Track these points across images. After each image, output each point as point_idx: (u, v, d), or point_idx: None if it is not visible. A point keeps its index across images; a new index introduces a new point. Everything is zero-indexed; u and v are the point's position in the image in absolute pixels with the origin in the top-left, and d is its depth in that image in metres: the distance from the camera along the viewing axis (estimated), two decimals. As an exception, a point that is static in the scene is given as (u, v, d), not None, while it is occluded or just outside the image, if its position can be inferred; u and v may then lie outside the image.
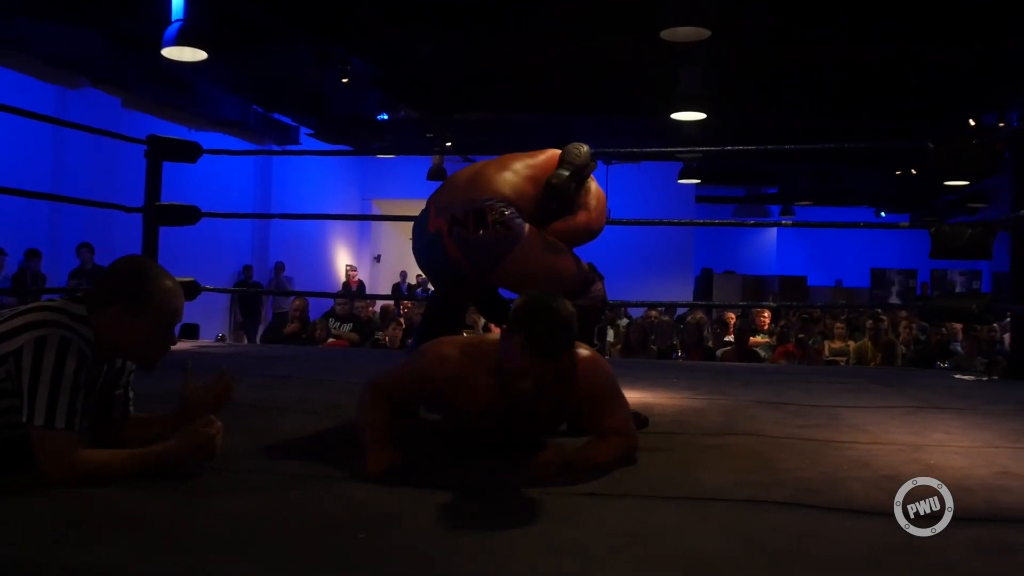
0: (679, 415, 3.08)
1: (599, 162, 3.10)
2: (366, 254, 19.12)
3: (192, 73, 9.99)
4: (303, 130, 13.51)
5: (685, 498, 1.86)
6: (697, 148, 10.51)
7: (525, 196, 2.64)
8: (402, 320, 9.63)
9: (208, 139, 12.23)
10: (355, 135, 12.73)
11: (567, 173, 2.67)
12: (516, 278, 2.63)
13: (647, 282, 15.53)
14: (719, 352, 7.34)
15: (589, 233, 2.81)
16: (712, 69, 8.87)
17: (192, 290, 5.18)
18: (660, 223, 6.41)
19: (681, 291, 16.06)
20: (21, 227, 9.53)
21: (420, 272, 20.13)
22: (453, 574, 1.38)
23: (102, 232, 9.78)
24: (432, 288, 3.07)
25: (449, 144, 14.14)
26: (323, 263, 16.67)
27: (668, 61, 8.81)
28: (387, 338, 8.90)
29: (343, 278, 16.81)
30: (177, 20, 7.23)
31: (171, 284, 2.02)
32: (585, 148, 2.78)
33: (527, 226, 2.59)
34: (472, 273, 2.65)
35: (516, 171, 2.69)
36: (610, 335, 10.05)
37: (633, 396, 3.53)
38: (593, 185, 2.84)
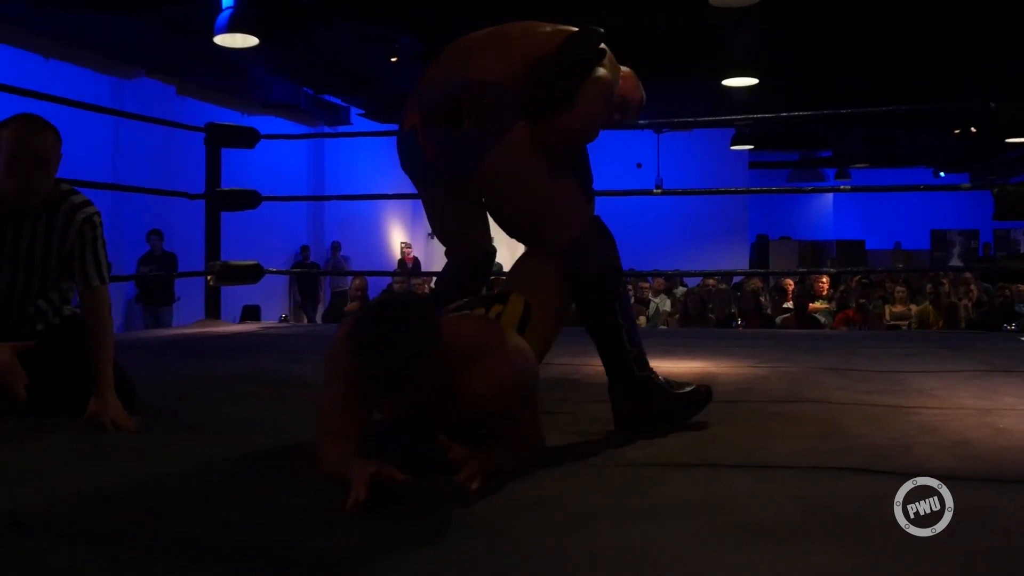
0: (743, 383, 3.08)
1: (652, 132, 2.97)
2: (420, 231, 19.21)
3: (243, 58, 10.10)
4: (354, 110, 13.60)
5: (754, 466, 1.88)
6: (750, 116, 10.36)
7: (517, 77, 2.16)
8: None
9: (261, 122, 12.37)
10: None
11: (558, 61, 2.19)
12: (496, 191, 2.23)
13: (702, 250, 15.43)
14: (779, 319, 7.29)
15: (569, 139, 2.25)
16: (762, 33, 8.73)
17: (256, 273, 5.29)
18: (713, 192, 6.33)
19: (736, 258, 15.91)
20: (85, 217, 9.74)
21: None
22: (524, 545, 1.41)
23: (163, 218, 9.98)
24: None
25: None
26: (378, 241, 16.80)
27: (717, 26, 8.71)
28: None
29: (398, 255, 16.95)
30: (228, 7, 7.34)
31: (17, 123, 2.28)
32: (598, 34, 2.26)
33: (517, 123, 2.13)
34: (446, 176, 2.24)
35: (512, 46, 2.22)
36: (667, 304, 10.03)
37: (695, 366, 3.55)
38: (599, 79, 2.23)
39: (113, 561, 1.34)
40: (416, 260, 16.73)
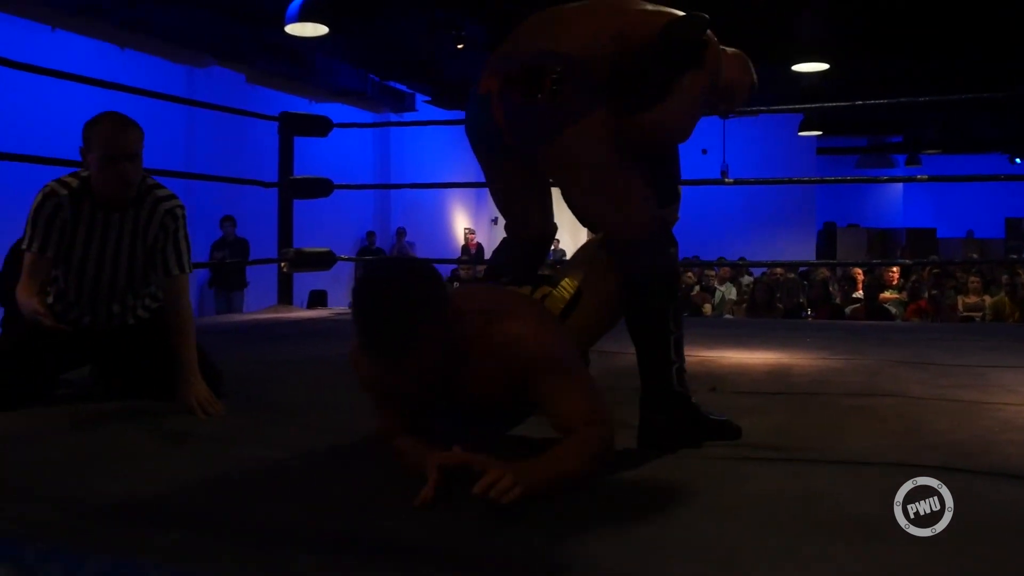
0: (819, 376, 3.07)
1: (717, 117, 2.68)
2: (484, 217, 19.29)
3: (311, 46, 10.24)
4: (419, 96, 13.69)
5: (838, 461, 1.87)
6: (823, 104, 10.17)
7: (606, 57, 2.01)
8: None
9: (327, 109, 12.54)
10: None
11: (658, 50, 2.02)
12: (563, 172, 2.09)
13: (768, 237, 15.23)
14: (848, 309, 7.19)
15: (657, 137, 2.12)
16: (832, 17, 8.58)
17: (328, 260, 5.38)
18: (781, 182, 6.16)
19: (803, 246, 15.69)
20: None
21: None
22: (609, 536, 1.43)
23: (235, 204, 10.18)
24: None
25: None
26: (442, 227, 16.91)
27: (785, 8, 8.57)
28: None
29: (462, 241, 17.05)
30: (299, -4, 7.43)
31: (107, 122, 2.38)
32: (704, 22, 2.09)
33: (599, 105, 1.99)
34: (514, 148, 2.10)
35: (605, 23, 2.05)
36: (732, 292, 9.96)
37: (768, 357, 3.54)
38: (699, 76, 2.09)
39: (213, 545, 1.40)
40: (480, 246, 16.80)
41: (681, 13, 2.08)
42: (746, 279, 10.49)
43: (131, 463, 1.91)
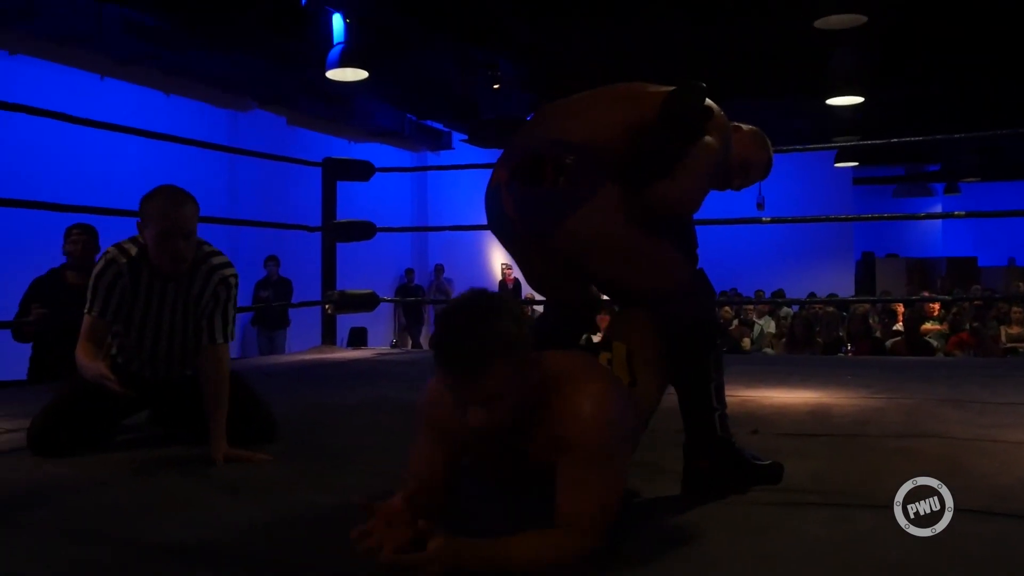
0: (859, 415, 3.08)
1: None
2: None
3: (350, 88, 10.47)
4: (456, 135, 13.87)
5: (877, 506, 1.90)
6: (857, 143, 10.11)
7: (613, 141, 2.03)
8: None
9: (366, 149, 12.76)
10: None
11: (659, 126, 2.05)
12: (578, 254, 2.07)
13: (805, 268, 15.19)
14: (889, 343, 7.16)
15: (667, 210, 2.09)
16: (866, 52, 8.62)
17: (371, 302, 5.49)
18: (816, 219, 6.06)
19: (841, 278, 15.59)
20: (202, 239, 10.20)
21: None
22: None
23: (278, 243, 10.36)
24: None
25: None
26: (480, 262, 17.03)
27: (820, 44, 8.63)
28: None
29: (499, 276, 17.16)
30: (338, 43, 7.62)
31: (162, 198, 2.46)
32: (700, 90, 2.09)
33: (608, 184, 2.00)
34: (528, 237, 2.10)
35: (612, 108, 2.10)
36: (771, 325, 9.93)
37: (808, 396, 3.56)
38: (704, 146, 2.08)
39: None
40: (517, 281, 16.89)
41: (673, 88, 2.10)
42: (784, 311, 10.47)
43: (190, 509, 1.99)
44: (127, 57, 8.79)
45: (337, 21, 7.70)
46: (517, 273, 17.58)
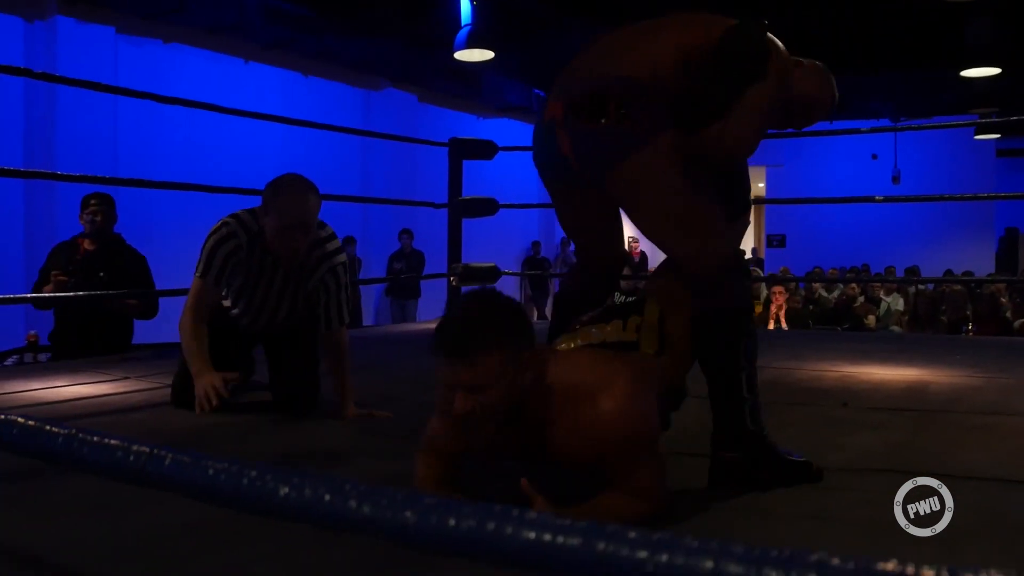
0: (954, 393, 3.15)
1: (886, 120, 2.45)
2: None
3: (479, 66, 10.79)
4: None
5: (940, 474, 2.03)
6: (995, 120, 9.70)
7: (671, 78, 1.97)
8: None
9: (495, 125, 13.07)
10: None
11: (714, 63, 1.98)
12: (631, 198, 2.01)
13: (941, 244, 14.68)
14: (1018, 323, 6.99)
15: (719, 154, 2.02)
16: (1003, 21, 8.33)
17: (493, 274, 5.75)
18: (957, 198, 5.69)
19: (981, 254, 14.93)
20: (337, 217, 10.73)
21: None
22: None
23: (407, 217, 10.80)
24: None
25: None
26: (604, 236, 17.14)
27: (955, 15, 8.39)
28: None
29: (626, 250, 17.25)
30: (466, 25, 7.89)
31: (287, 192, 2.53)
32: (760, 27, 2.02)
33: (666, 126, 1.95)
34: (582, 175, 2.04)
35: (667, 41, 2.01)
36: (899, 303, 9.75)
37: (910, 374, 3.62)
38: (759, 88, 1.99)
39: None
40: (643, 254, 16.94)
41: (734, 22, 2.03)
42: (915, 289, 10.23)
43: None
44: (269, 42, 9.34)
45: (465, 4, 7.97)
46: (644, 246, 17.61)
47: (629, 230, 14.69)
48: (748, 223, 2.21)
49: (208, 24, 8.69)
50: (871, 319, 8.95)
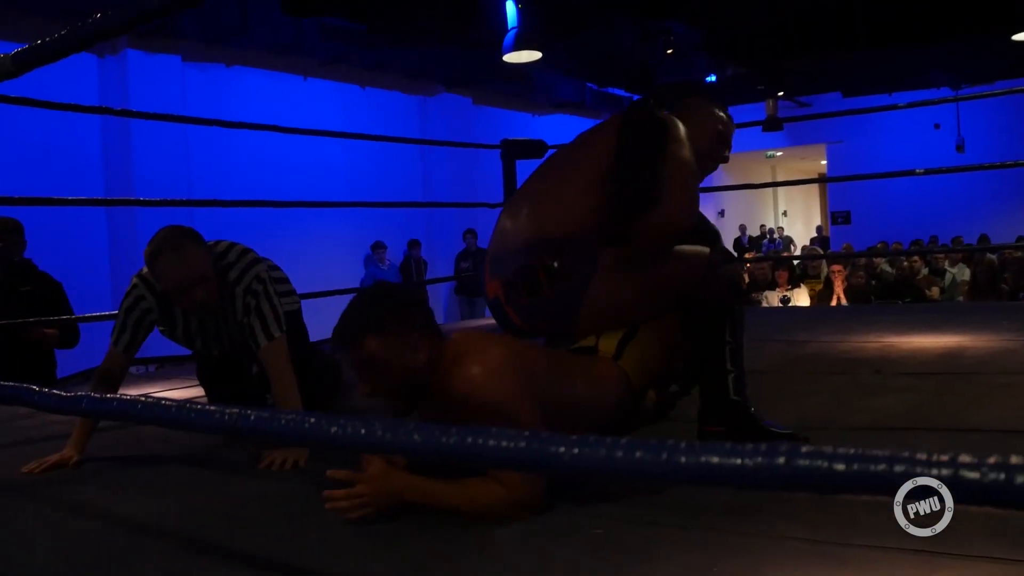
0: (986, 357, 3.25)
1: (947, 89, 2.38)
2: (710, 209, 19.45)
3: (531, 65, 11.02)
4: (637, 99, 14.14)
5: (951, 429, 2.19)
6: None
7: (583, 214, 2.07)
8: (746, 275, 9.93)
9: (549, 121, 13.28)
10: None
11: (622, 167, 2.06)
12: (605, 326, 2.14)
13: (1008, 213, 14.43)
14: (1082, 287, 6.92)
15: (665, 237, 2.07)
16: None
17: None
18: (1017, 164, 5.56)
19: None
20: (402, 222, 11.09)
21: (763, 223, 19.69)
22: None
23: (470, 218, 11.09)
24: None
25: (781, 93, 14.06)
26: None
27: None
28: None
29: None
30: (512, 27, 8.11)
31: (162, 259, 2.32)
32: (645, 106, 2.14)
33: (601, 261, 2.04)
34: (548, 338, 2.19)
35: (566, 182, 2.14)
36: (965, 273, 9.67)
37: (950, 340, 3.72)
38: (674, 159, 2.06)
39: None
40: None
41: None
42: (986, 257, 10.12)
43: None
44: (326, 58, 9.70)
45: (510, 7, 8.18)
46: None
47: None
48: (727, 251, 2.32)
49: (268, 45, 9.08)
50: (934, 291, 8.92)
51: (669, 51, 10.65)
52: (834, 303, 8.25)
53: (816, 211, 23.40)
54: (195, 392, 3.21)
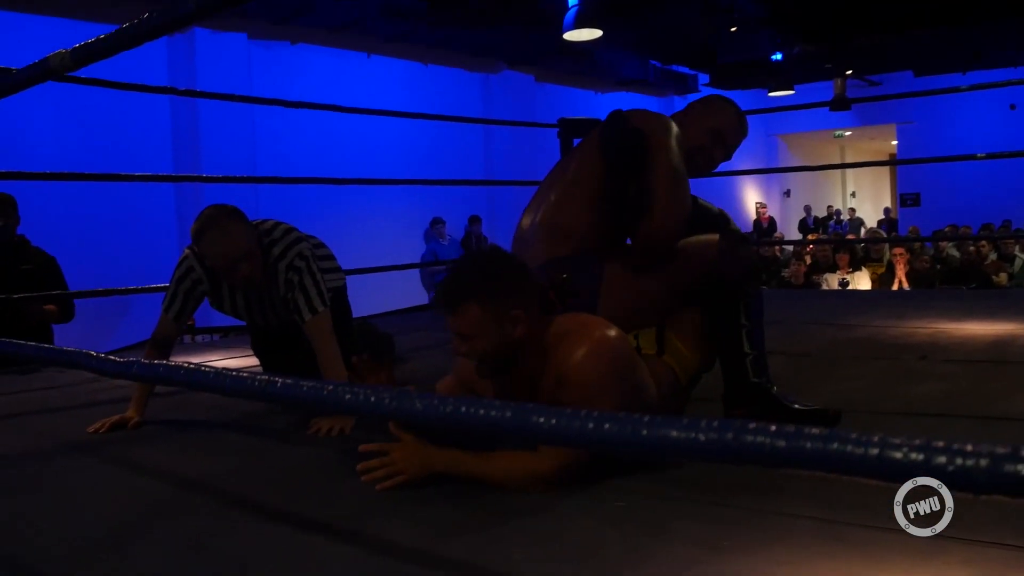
0: (1035, 345, 3.24)
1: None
2: (775, 190, 19.19)
3: (590, 44, 11.00)
4: (702, 77, 14.02)
5: (983, 417, 2.19)
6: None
7: (584, 231, 2.17)
8: (807, 257, 9.81)
9: (613, 100, 13.24)
10: (749, 78, 13.01)
11: (613, 138, 2.15)
12: (622, 324, 2.08)
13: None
14: None
15: (659, 244, 2.13)
16: None
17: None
18: None
19: None
20: (464, 198, 11.19)
21: (831, 203, 19.42)
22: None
23: (531, 193, 11.14)
24: None
25: (849, 72, 13.82)
26: (732, 201, 17.07)
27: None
28: (791, 275, 9.19)
29: (753, 215, 17.10)
30: (573, 5, 8.12)
31: (207, 237, 2.44)
32: (618, 117, 2.20)
33: (607, 267, 2.15)
34: None
35: (567, 197, 2.22)
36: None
37: (1004, 328, 3.69)
38: (657, 164, 2.10)
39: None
40: (772, 220, 16.79)
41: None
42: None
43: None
44: (389, 36, 9.81)
45: (571, -15, 8.19)
46: (772, 211, 17.45)
47: (757, 195, 14.64)
48: (739, 229, 2.39)
49: (331, 23, 9.22)
50: (1002, 277, 8.73)
51: (733, 28, 10.53)
52: (895, 287, 8.14)
53: (886, 192, 22.94)
54: (251, 361, 3.34)
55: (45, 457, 2.29)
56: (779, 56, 12.56)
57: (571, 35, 8.35)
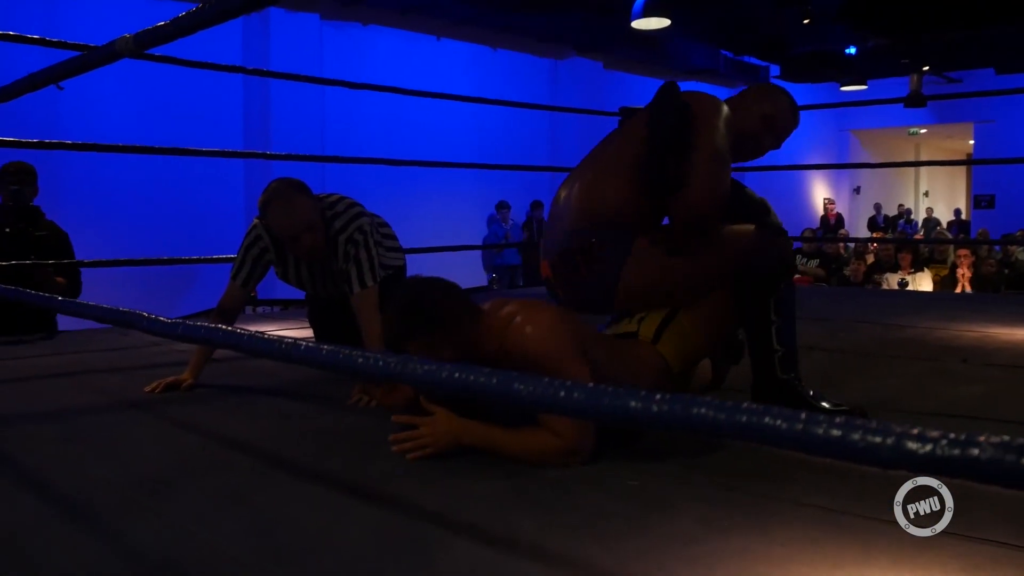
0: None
1: None
2: (844, 186, 18.87)
3: (658, 33, 10.96)
4: (773, 69, 13.85)
5: (1008, 420, 2.21)
6: None
7: (619, 201, 2.18)
8: (871, 255, 9.70)
9: (682, 89, 13.14)
10: (821, 71, 12.81)
11: (650, 153, 2.12)
12: (645, 301, 2.22)
13: None
14: None
15: (695, 222, 2.11)
16: None
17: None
18: None
19: None
20: (528, 183, 11.27)
21: (902, 202, 18.99)
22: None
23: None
24: None
25: (926, 68, 13.50)
26: (801, 197, 16.85)
27: None
28: (852, 273, 9.10)
29: (821, 211, 16.86)
30: (642, -6, 8.12)
31: (274, 208, 2.55)
32: (669, 91, 2.17)
33: (634, 239, 2.16)
34: (592, 313, 2.28)
35: (604, 170, 2.24)
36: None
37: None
38: (701, 144, 2.09)
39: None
40: (839, 216, 16.54)
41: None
42: None
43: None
44: (459, 19, 9.90)
45: (640, -26, 8.18)
46: (840, 207, 17.17)
47: (826, 191, 14.39)
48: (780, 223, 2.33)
49: (402, 5, 9.34)
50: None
51: (806, 20, 10.39)
52: (958, 290, 8.02)
53: (960, 193, 22.39)
54: (304, 333, 3.47)
55: (100, 412, 2.45)
56: (853, 49, 12.34)
57: (639, 23, 8.35)
